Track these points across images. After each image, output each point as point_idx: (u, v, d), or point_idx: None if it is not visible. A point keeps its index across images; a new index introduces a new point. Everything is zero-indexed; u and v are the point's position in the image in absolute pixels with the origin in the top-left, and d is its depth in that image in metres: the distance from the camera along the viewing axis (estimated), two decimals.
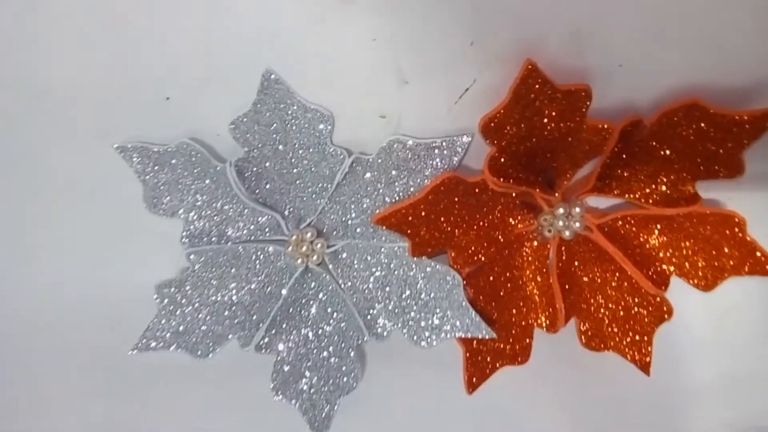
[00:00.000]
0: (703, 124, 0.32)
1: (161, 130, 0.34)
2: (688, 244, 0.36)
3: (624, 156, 0.34)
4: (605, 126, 0.31)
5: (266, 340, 0.37)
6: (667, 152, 0.33)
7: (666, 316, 0.36)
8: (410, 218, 0.34)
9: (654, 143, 0.33)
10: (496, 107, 0.31)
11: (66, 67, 0.32)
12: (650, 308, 0.36)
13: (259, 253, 0.36)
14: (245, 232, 0.36)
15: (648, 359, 0.37)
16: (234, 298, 0.37)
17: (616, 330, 0.37)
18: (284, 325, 0.37)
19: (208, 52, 0.32)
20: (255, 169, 0.35)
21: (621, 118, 0.32)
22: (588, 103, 0.31)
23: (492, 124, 0.31)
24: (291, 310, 0.37)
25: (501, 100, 0.31)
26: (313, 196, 0.35)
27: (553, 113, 0.31)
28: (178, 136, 0.34)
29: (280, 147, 0.35)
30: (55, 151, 0.35)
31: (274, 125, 0.34)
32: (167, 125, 0.34)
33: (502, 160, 0.32)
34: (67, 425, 0.39)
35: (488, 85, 0.32)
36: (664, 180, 0.34)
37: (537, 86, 0.30)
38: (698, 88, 0.32)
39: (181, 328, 0.37)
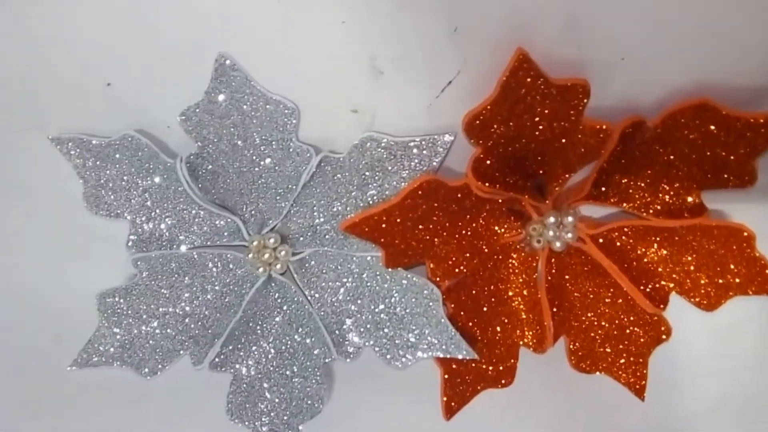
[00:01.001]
0: (713, 127, 0.30)
1: (103, 121, 0.32)
2: (690, 258, 0.34)
3: (623, 161, 0.31)
4: (604, 127, 0.29)
5: (222, 356, 0.35)
6: (671, 157, 0.31)
7: (664, 336, 0.35)
8: (384, 225, 0.31)
9: (657, 147, 0.31)
10: (482, 103, 0.28)
11: None
12: (647, 328, 0.35)
13: (216, 260, 0.34)
14: (200, 236, 0.34)
15: (643, 383, 0.36)
16: (187, 309, 0.35)
17: (608, 350, 0.36)
18: (243, 341, 0.35)
19: (154, 32, 0.29)
20: (210, 166, 0.33)
21: (621, 118, 0.30)
22: (585, 100, 0.28)
23: (477, 122, 0.29)
24: (251, 323, 0.35)
25: (488, 95, 0.29)
26: (277, 197, 0.33)
27: (546, 111, 0.29)
28: (122, 127, 0.32)
29: (239, 142, 0.32)
30: None
31: (232, 117, 0.31)
32: (109, 115, 0.32)
33: (488, 162, 0.30)
34: None
35: (474, 77, 0.30)
36: (667, 188, 0.32)
37: (528, 80, 0.28)
38: (709, 87, 0.30)
39: (126, 342, 0.35)
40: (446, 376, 0.34)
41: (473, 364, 0.35)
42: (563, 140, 0.30)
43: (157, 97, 0.31)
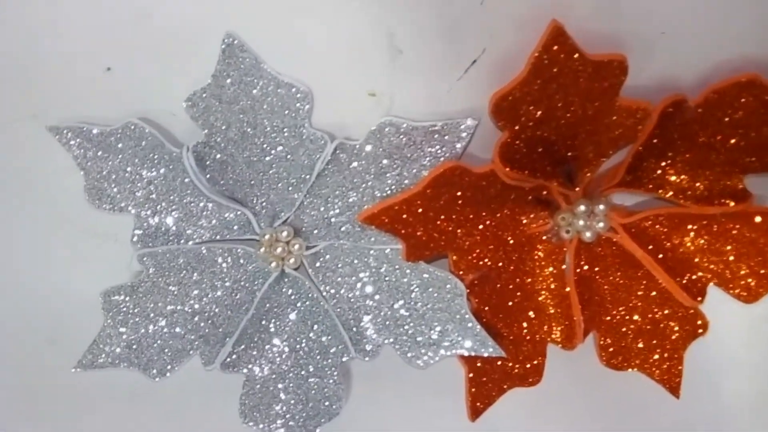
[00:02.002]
0: (760, 107, 0.28)
1: (103, 108, 0.31)
2: (729, 248, 0.32)
3: (660, 144, 0.30)
4: (642, 107, 0.28)
5: (234, 356, 0.34)
6: (713, 139, 0.29)
7: (700, 330, 0.34)
8: (405, 216, 0.30)
9: (697, 128, 0.29)
10: (511, 82, 0.27)
11: None
12: (682, 321, 0.34)
13: (225, 255, 0.33)
14: (209, 230, 0.33)
15: (678, 380, 0.34)
16: (196, 307, 0.34)
17: (641, 346, 0.34)
18: (256, 340, 0.34)
19: (156, 11, 0.29)
20: (218, 155, 0.32)
21: (660, 98, 0.28)
22: (622, 78, 0.27)
23: (505, 103, 0.27)
24: (264, 321, 0.34)
25: (516, 75, 0.27)
26: (290, 188, 0.32)
27: (580, 90, 0.27)
28: (125, 115, 0.31)
29: (249, 130, 0.31)
30: None
31: (240, 103, 0.30)
32: (110, 102, 0.31)
33: (516, 146, 0.29)
34: None
35: (500, 55, 0.29)
36: (707, 173, 0.31)
37: (563, 56, 0.26)
38: (756, 62, 0.29)
39: (132, 342, 0.34)
40: (471, 375, 0.33)
41: (499, 363, 0.33)
42: (597, 122, 0.29)
43: (160, 81, 0.30)
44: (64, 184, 0.32)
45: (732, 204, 0.30)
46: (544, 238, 0.33)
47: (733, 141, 0.29)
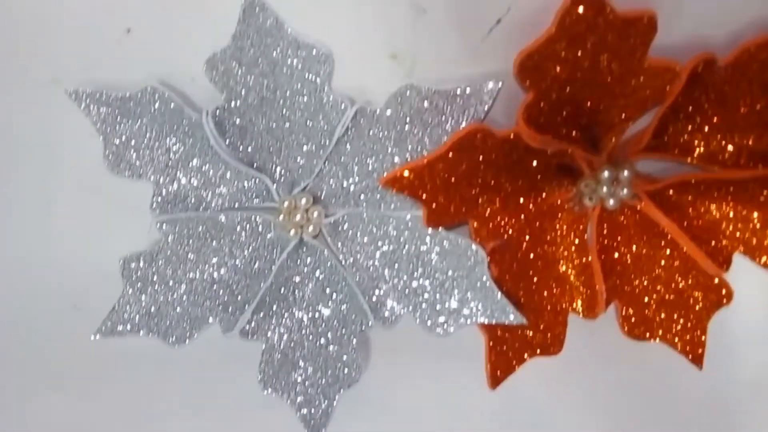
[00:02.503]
0: None
1: (122, 72, 0.31)
2: (757, 215, 0.32)
3: (688, 106, 0.29)
4: (671, 66, 0.27)
5: (253, 324, 0.34)
6: (744, 101, 0.29)
7: (724, 300, 0.33)
8: (426, 180, 0.30)
9: (727, 89, 0.29)
10: (537, 39, 0.26)
11: None
12: (706, 291, 0.33)
13: (244, 222, 0.33)
14: (228, 197, 0.33)
15: (701, 350, 0.34)
16: (215, 275, 0.33)
17: (664, 316, 0.34)
18: (275, 307, 0.34)
19: None
20: (238, 121, 0.31)
21: (688, 57, 0.27)
22: (652, 35, 0.26)
23: (531, 62, 0.27)
24: (282, 290, 0.34)
25: (542, 33, 0.26)
26: (309, 155, 0.32)
27: (608, 48, 0.26)
28: (144, 79, 0.30)
29: (268, 94, 0.30)
30: None
31: (260, 66, 0.30)
32: (130, 65, 0.30)
33: (541, 108, 0.28)
34: (19, 420, 0.36)
35: (526, 13, 0.28)
36: (736, 136, 0.30)
37: (591, 11, 0.25)
38: None
39: (152, 309, 0.34)
40: (491, 343, 0.33)
41: (519, 331, 0.33)
42: (624, 83, 0.28)
43: (180, 44, 0.30)
44: (84, 150, 0.32)
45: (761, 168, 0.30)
46: (567, 206, 0.33)
47: (764, 102, 0.29)
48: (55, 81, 0.31)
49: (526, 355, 0.33)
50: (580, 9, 0.25)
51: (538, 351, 0.33)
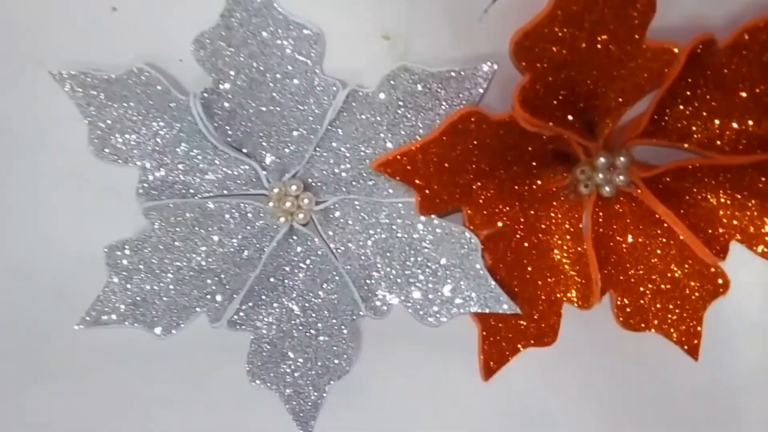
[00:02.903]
0: None
1: (108, 52, 0.30)
2: (754, 203, 0.31)
3: (687, 90, 0.29)
4: (669, 48, 0.27)
5: (242, 314, 0.33)
6: (743, 84, 0.28)
7: (721, 290, 0.33)
8: (419, 165, 0.29)
9: (726, 71, 0.28)
10: (534, 18, 0.26)
11: None
12: (702, 281, 0.33)
13: (233, 210, 0.32)
14: (216, 184, 0.32)
15: (696, 341, 0.34)
16: (203, 263, 0.33)
17: (659, 306, 0.34)
18: (264, 297, 0.33)
19: None
20: (227, 104, 0.31)
21: (688, 39, 0.27)
22: (650, 14, 0.26)
23: (527, 42, 0.26)
24: (272, 279, 0.33)
25: (538, 12, 0.26)
26: (300, 140, 0.31)
27: (605, 28, 0.26)
28: (130, 60, 0.30)
29: (258, 76, 0.30)
30: None
31: (250, 47, 0.29)
32: (116, 45, 0.30)
33: (536, 91, 0.28)
34: (4, 412, 0.36)
35: None
36: (735, 121, 0.30)
37: None
38: None
39: (138, 299, 0.33)
40: (484, 334, 0.33)
41: (513, 321, 0.33)
42: (622, 65, 0.27)
43: (168, 23, 0.29)
44: (68, 134, 0.31)
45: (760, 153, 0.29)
46: (562, 194, 0.32)
47: (764, 86, 0.28)
48: (38, 62, 0.30)
49: (519, 346, 0.33)
50: None
51: (532, 341, 0.33)
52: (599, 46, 0.27)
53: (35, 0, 0.29)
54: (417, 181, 0.30)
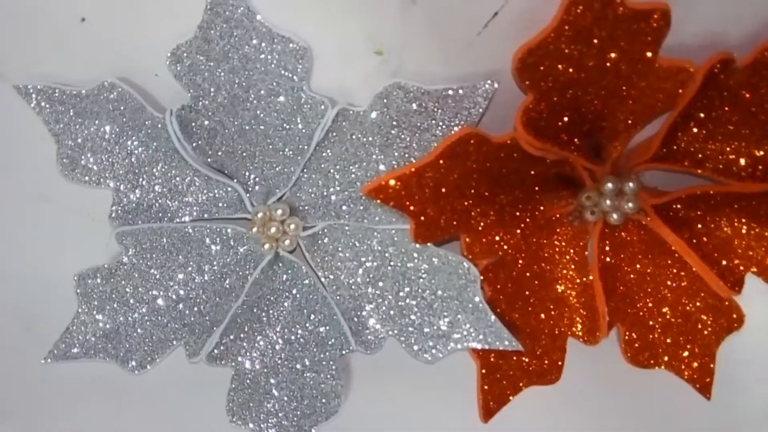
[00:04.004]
0: None
1: (77, 66, 0.30)
2: None
3: (701, 112, 0.28)
4: (684, 67, 0.26)
5: (222, 348, 0.33)
6: (763, 107, 0.28)
7: (735, 324, 0.33)
8: (414, 190, 0.28)
9: (744, 93, 0.27)
10: (540, 33, 0.25)
11: None
12: (716, 315, 0.33)
13: (214, 235, 0.32)
14: (196, 207, 0.32)
15: (709, 379, 0.33)
16: (181, 293, 0.33)
17: (670, 342, 0.33)
18: (246, 329, 0.33)
19: None
20: (206, 122, 0.30)
21: (705, 58, 0.26)
22: (665, 30, 0.25)
23: (531, 59, 0.25)
24: (255, 309, 0.33)
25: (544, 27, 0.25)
26: (285, 161, 0.31)
27: (616, 45, 0.25)
28: (101, 74, 0.29)
29: (240, 93, 0.29)
30: None
31: (231, 61, 0.29)
32: (86, 58, 0.29)
33: (541, 111, 0.27)
34: None
35: (526, 6, 0.27)
36: (752, 146, 0.29)
37: (599, 3, 0.24)
38: None
39: (110, 331, 0.33)
40: (484, 371, 0.32)
41: (515, 358, 0.32)
42: (632, 84, 0.27)
43: (142, 35, 0.29)
44: (36, 153, 0.31)
45: None
46: (566, 221, 0.32)
47: None
48: (1, 75, 0.30)
49: (521, 384, 0.32)
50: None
51: (535, 379, 0.33)
52: (609, 64, 0.26)
53: (1, 6, 0.28)
54: (412, 207, 0.29)
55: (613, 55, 0.26)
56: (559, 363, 0.32)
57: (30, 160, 0.31)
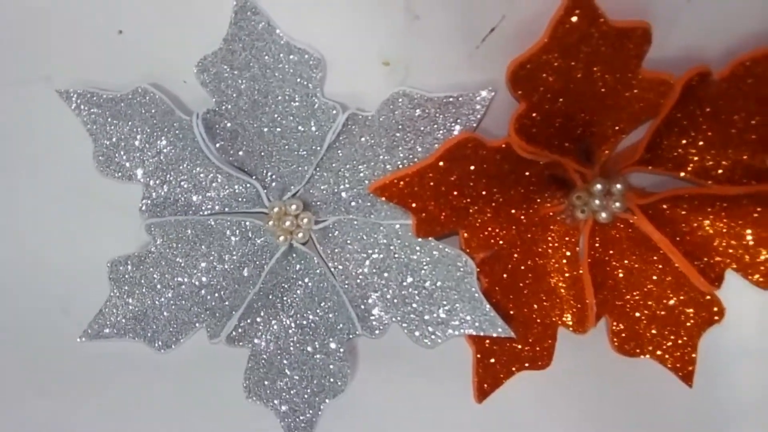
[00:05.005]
0: None
1: (114, 72, 0.31)
2: (749, 232, 0.31)
3: (682, 120, 0.29)
4: (665, 79, 0.27)
5: (240, 330, 0.33)
6: (738, 115, 0.28)
7: (716, 317, 0.33)
8: (416, 188, 0.29)
9: (722, 103, 0.28)
10: (530, 48, 0.26)
11: None
12: (697, 308, 0.33)
13: (234, 227, 0.33)
14: (217, 201, 0.32)
15: (691, 368, 0.34)
16: (203, 279, 0.33)
17: (655, 332, 0.33)
18: (262, 314, 0.34)
19: None
20: (228, 125, 0.31)
21: (684, 70, 0.27)
22: (645, 47, 0.26)
23: (523, 72, 0.26)
24: (270, 296, 0.33)
25: (535, 42, 0.26)
26: (300, 160, 0.31)
27: (601, 59, 0.26)
28: (135, 80, 0.30)
29: (260, 98, 0.30)
30: None
31: (252, 70, 0.30)
32: (121, 66, 0.30)
33: (533, 119, 0.28)
34: (8, 424, 0.36)
35: (520, 23, 0.28)
36: (730, 152, 0.30)
37: (585, 21, 0.25)
38: None
39: (139, 313, 0.34)
40: (479, 356, 0.33)
41: (508, 344, 0.33)
42: (618, 95, 0.28)
43: (172, 46, 0.30)
44: (74, 150, 0.32)
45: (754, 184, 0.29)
46: (559, 218, 0.32)
47: (759, 118, 0.28)
48: (47, 79, 0.30)
49: (514, 369, 0.33)
50: (574, 19, 0.25)
51: (527, 364, 0.33)
52: (595, 76, 0.27)
53: (45, 20, 0.29)
54: (414, 205, 0.30)
55: (598, 68, 0.27)
56: (550, 350, 0.33)
57: (70, 157, 0.32)
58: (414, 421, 0.35)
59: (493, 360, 0.33)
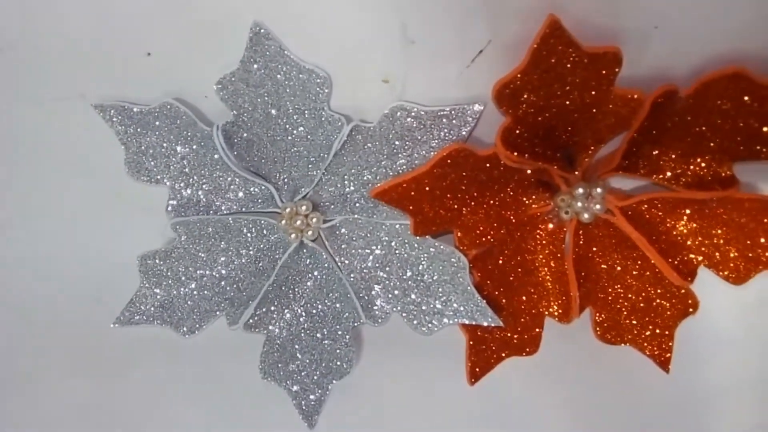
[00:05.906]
0: (746, 98, 0.28)
1: (143, 90, 0.32)
2: (719, 232, 0.33)
3: (654, 132, 0.30)
4: (635, 96, 0.28)
5: (256, 318, 0.35)
6: (704, 128, 0.30)
7: (691, 309, 0.34)
8: (413, 193, 0.31)
9: (689, 118, 0.30)
10: (513, 71, 0.28)
11: (36, 20, 0.30)
12: (674, 300, 0.34)
13: (250, 225, 0.34)
14: (236, 203, 0.34)
15: (668, 355, 0.35)
16: (223, 272, 0.35)
17: (634, 322, 0.35)
18: (276, 303, 0.35)
19: (191, 2, 0.30)
20: (245, 134, 0.33)
21: (655, 88, 0.29)
22: (617, 69, 0.27)
23: (507, 90, 0.28)
24: (283, 287, 0.35)
25: (519, 63, 0.28)
26: (309, 166, 0.33)
27: (577, 80, 0.28)
28: (162, 96, 0.32)
29: (273, 111, 0.32)
30: (29, 114, 0.33)
31: (266, 86, 0.31)
32: (149, 84, 0.32)
33: (518, 131, 0.29)
34: (48, 404, 0.38)
35: (505, 46, 0.29)
36: (698, 160, 0.31)
37: (559, 47, 0.27)
38: (747, 56, 0.29)
39: (166, 302, 0.35)
40: (471, 343, 0.34)
41: (498, 332, 0.34)
42: (594, 110, 0.29)
43: (195, 66, 0.31)
44: (108, 157, 0.33)
45: (720, 190, 0.31)
46: (546, 218, 0.34)
47: (722, 130, 0.30)
48: (83, 96, 0.32)
49: (504, 354, 0.35)
50: (550, 46, 0.27)
51: (516, 351, 0.35)
52: (572, 95, 0.28)
53: (83, 44, 0.31)
54: (411, 207, 0.31)
55: (574, 88, 0.28)
56: (537, 338, 0.34)
57: (104, 163, 0.33)
58: (411, 400, 0.37)
59: (484, 347, 0.34)
